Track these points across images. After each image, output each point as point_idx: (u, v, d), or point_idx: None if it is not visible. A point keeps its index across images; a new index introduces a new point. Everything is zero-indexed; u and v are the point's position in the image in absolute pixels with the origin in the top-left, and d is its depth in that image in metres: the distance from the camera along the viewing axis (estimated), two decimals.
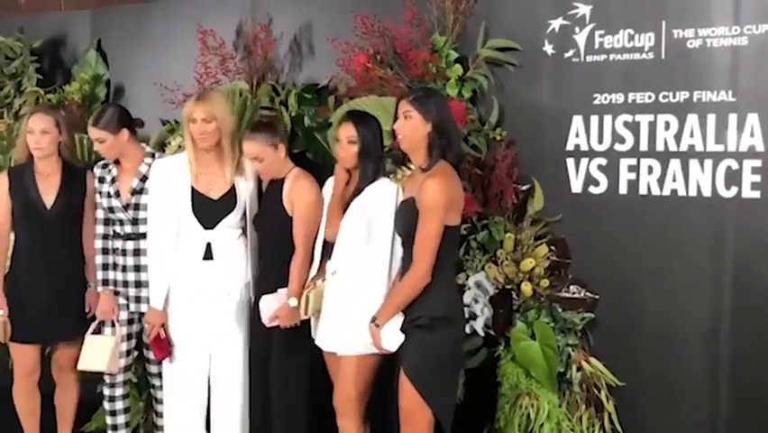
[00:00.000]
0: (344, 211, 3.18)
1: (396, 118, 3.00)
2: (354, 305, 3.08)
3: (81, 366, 3.72)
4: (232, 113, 3.65)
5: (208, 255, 3.51)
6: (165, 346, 3.55)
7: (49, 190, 3.76)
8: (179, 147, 4.11)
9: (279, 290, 3.37)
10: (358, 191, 3.17)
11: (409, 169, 3.32)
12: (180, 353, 3.57)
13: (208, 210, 3.49)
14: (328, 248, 3.29)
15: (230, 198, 3.53)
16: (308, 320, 3.33)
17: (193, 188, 3.50)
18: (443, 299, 2.93)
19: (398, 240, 3.07)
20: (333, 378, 3.32)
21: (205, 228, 3.50)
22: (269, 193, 3.50)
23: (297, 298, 3.31)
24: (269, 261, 3.49)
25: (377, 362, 3.13)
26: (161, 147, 4.25)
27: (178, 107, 4.11)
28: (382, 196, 3.12)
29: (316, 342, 3.30)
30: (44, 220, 3.74)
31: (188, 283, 3.51)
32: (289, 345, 3.39)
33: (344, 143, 3.20)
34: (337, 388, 3.21)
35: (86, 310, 3.81)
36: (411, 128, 2.94)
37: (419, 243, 2.86)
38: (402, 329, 2.95)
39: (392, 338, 2.96)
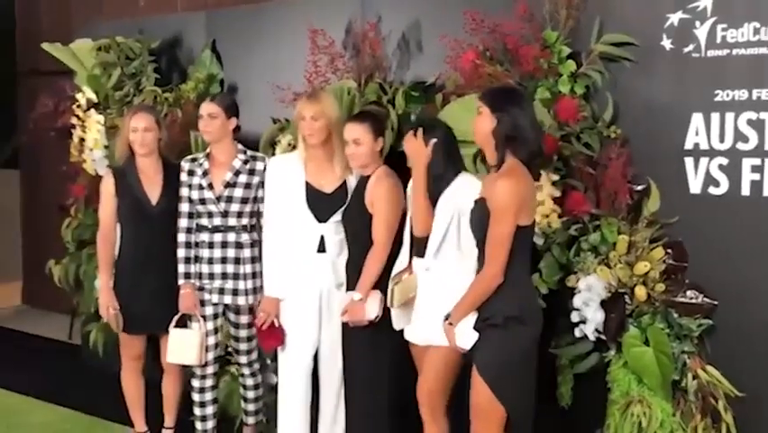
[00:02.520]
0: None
1: None
2: (446, 300, 3.09)
3: (170, 359, 3.88)
4: (340, 111, 3.72)
5: (322, 248, 3.61)
6: (278, 335, 3.67)
7: (153, 188, 3.90)
8: (289, 145, 4.19)
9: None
10: (437, 190, 3.23)
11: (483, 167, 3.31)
12: (292, 342, 3.67)
13: (322, 204, 3.60)
14: (417, 243, 3.32)
15: (341, 192, 3.62)
16: (383, 319, 3.38)
17: (307, 183, 3.62)
18: (516, 299, 2.94)
19: None
20: (419, 370, 3.36)
21: (319, 221, 3.60)
22: (356, 189, 3.59)
23: (363, 294, 3.39)
24: (350, 255, 3.58)
25: (461, 358, 3.15)
26: (271, 145, 4.34)
27: (288, 106, 4.19)
28: (465, 191, 3.15)
29: (406, 336, 3.36)
30: (150, 217, 3.88)
31: (304, 275, 3.62)
32: (361, 342, 3.47)
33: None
34: (421, 379, 3.28)
35: None
36: (480, 123, 2.97)
37: (491, 243, 2.88)
38: (475, 328, 2.98)
39: (466, 336, 2.99)
